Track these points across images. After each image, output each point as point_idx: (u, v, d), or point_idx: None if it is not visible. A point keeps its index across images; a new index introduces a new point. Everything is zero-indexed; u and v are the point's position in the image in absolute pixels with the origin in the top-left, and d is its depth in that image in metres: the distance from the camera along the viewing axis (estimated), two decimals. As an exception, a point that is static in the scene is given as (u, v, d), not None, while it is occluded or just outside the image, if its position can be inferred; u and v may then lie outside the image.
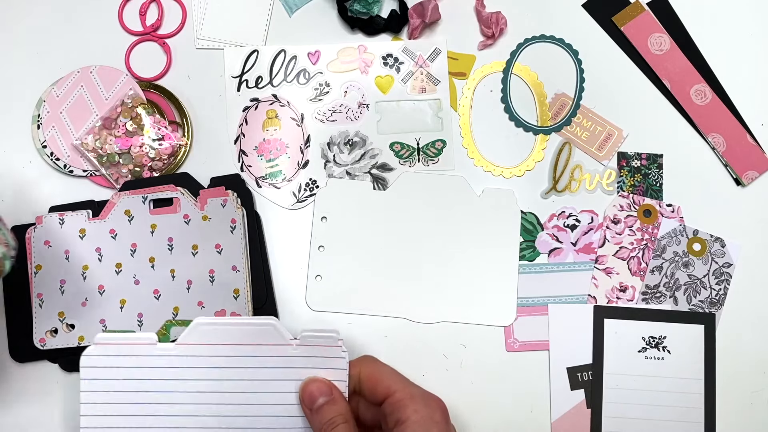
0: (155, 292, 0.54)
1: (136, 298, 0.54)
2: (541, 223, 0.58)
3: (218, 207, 0.55)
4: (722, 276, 0.57)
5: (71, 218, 0.54)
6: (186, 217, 0.55)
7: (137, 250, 0.54)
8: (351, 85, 0.60)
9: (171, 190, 0.55)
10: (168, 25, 0.61)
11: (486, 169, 0.59)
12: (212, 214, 0.55)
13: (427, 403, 0.45)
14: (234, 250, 0.54)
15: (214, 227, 0.55)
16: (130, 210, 0.55)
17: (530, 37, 0.60)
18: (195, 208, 0.55)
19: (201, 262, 0.54)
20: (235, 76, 0.60)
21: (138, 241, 0.54)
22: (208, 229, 0.55)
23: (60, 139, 0.58)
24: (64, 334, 0.54)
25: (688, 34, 0.60)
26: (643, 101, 0.60)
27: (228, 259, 0.54)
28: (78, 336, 0.54)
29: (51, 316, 0.54)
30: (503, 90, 0.60)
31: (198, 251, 0.54)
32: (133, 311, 0.54)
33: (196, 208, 0.55)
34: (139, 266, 0.54)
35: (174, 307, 0.54)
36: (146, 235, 0.54)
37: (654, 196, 0.58)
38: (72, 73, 0.59)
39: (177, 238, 0.54)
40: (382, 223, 0.57)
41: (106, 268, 0.54)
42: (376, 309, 0.56)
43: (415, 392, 0.46)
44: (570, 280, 0.57)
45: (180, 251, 0.54)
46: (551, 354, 0.56)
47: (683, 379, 0.55)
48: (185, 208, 0.55)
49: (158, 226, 0.54)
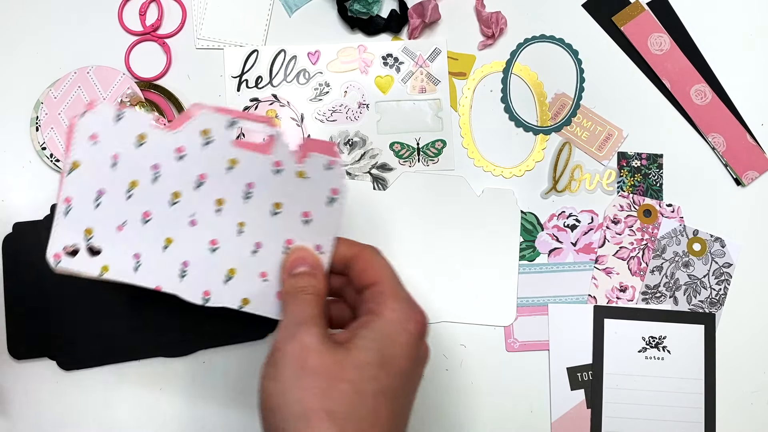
0: (212, 243, 0.43)
1: (187, 243, 0.43)
2: (541, 223, 0.58)
3: (320, 168, 0.43)
4: (722, 276, 0.57)
5: (132, 116, 0.42)
6: (278, 165, 0.43)
7: (205, 184, 0.42)
8: (351, 85, 0.60)
9: (270, 123, 0.42)
10: (168, 25, 0.61)
11: (486, 169, 0.58)
12: (312, 172, 0.43)
13: (408, 307, 0.41)
14: (324, 226, 0.44)
15: (309, 189, 0.43)
16: (210, 130, 0.42)
17: (530, 37, 0.60)
18: (292, 158, 0.43)
19: (280, 226, 0.44)
20: (235, 76, 0.60)
21: (209, 173, 0.42)
22: (302, 190, 0.43)
23: (59, 140, 0.58)
24: (86, 257, 0.42)
25: (688, 34, 0.60)
26: (643, 101, 0.60)
27: (314, 234, 0.44)
28: (102, 266, 0.42)
29: (76, 230, 0.42)
30: (503, 90, 0.60)
31: (280, 211, 0.44)
32: (178, 257, 0.43)
33: (294, 159, 0.43)
34: (201, 204, 0.43)
35: (229, 269, 0.44)
36: (220, 170, 0.42)
37: (654, 196, 0.58)
38: (69, 74, 0.59)
39: (259, 187, 0.43)
40: (382, 223, 0.57)
41: (159, 194, 0.42)
42: (376, 309, 0.56)
43: (402, 294, 0.42)
44: (570, 280, 0.57)
45: (258, 203, 0.43)
46: (551, 354, 0.56)
47: (683, 379, 0.55)
48: (279, 153, 0.43)
49: (239, 164, 0.42)
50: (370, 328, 0.40)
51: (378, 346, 0.39)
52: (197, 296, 0.43)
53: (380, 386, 0.38)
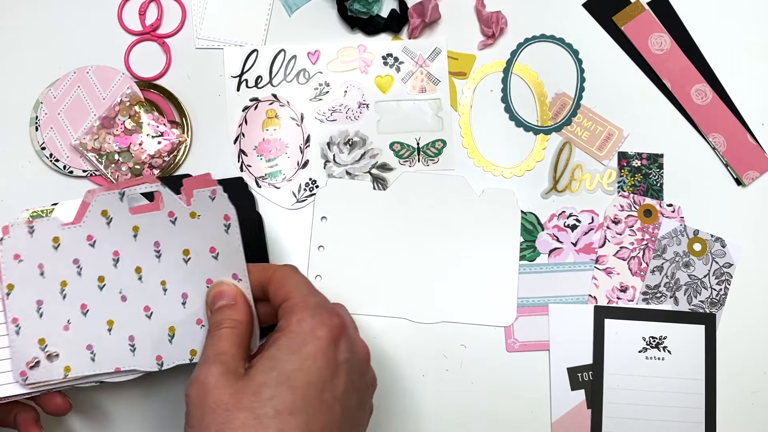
0: (146, 310, 0.46)
1: (125, 319, 0.46)
2: (541, 223, 0.58)
3: (207, 201, 0.45)
4: (723, 276, 0.57)
5: (41, 226, 0.46)
6: (171, 216, 0.45)
7: (120, 260, 0.46)
8: (351, 84, 0.60)
9: (150, 182, 0.45)
10: (168, 25, 0.61)
11: (486, 169, 0.58)
12: (201, 209, 0.45)
13: (317, 313, 0.40)
14: (232, 255, 0.46)
15: (205, 226, 0.46)
16: (108, 210, 0.45)
17: (530, 36, 0.60)
18: (180, 204, 0.45)
19: (196, 270, 0.46)
20: (235, 76, 0.59)
21: (120, 249, 0.46)
22: (199, 229, 0.46)
23: (59, 140, 0.57)
24: (48, 366, 0.46)
25: (689, 33, 0.60)
26: (643, 101, 0.60)
27: (227, 266, 0.46)
28: (64, 366, 0.46)
29: (31, 345, 0.46)
30: (503, 90, 0.60)
31: (190, 257, 0.46)
32: (123, 333, 0.46)
33: (182, 203, 0.45)
34: (124, 279, 0.46)
35: (170, 328, 0.46)
36: (129, 240, 0.46)
37: (654, 196, 0.58)
38: (68, 74, 0.59)
39: (164, 243, 0.46)
40: (382, 223, 0.57)
41: (87, 283, 0.46)
42: (376, 309, 0.56)
43: (311, 302, 0.41)
44: (570, 280, 0.57)
45: (170, 259, 0.46)
46: (551, 354, 0.56)
47: (684, 379, 0.55)
48: (169, 205, 0.45)
49: (141, 229, 0.46)
50: (274, 347, 0.39)
51: (274, 363, 0.39)
52: (152, 364, 0.46)
53: (282, 404, 0.37)
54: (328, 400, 0.39)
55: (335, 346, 0.40)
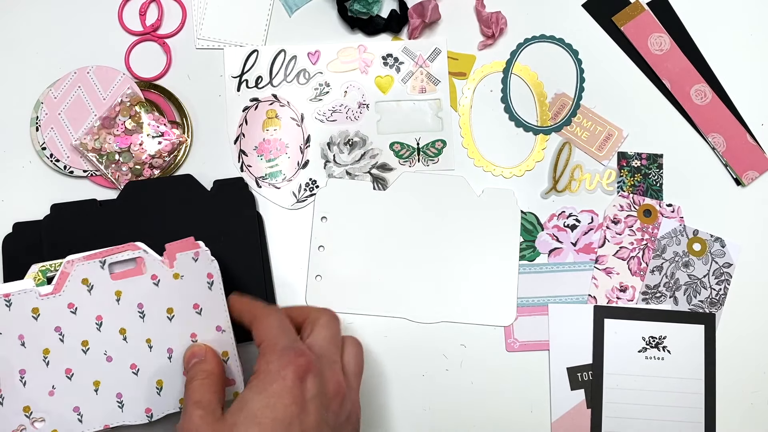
0: (132, 367, 0.48)
1: (112, 378, 0.48)
2: (541, 223, 0.58)
3: (190, 262, 0.47)
4: (722, 276, 0.57)
5: (19, 298, 0.47)
6: (154, 278, 0.47)
7: (103, 323, 0.47)
8: (351, 85, 0.60)
9: (131, 249, 0.47)
10: (168, 25, 0.61)
11: (486, 169, 0.58)
12: (184, 271, 0.47)
13: (283, 354, 0.43)
14: (215, 309, 0.48)
15: (188, 285, 0.48)
16: (88, 279, 0.47)
17: (530, 37, 0.60)
18: (163, 267, 0.47)
19: (180, 326, 0.48)
20: (235, 76, 0.60)
21: (103, 313, 0.47)
22: (183, 289, 0.48)
23: (59, 140, 0.58)
24: (34, 431, 0.48)
25: (688, 34, 0.60)
26: (643, 101, 0.60)
27: (210, 319, 0.48)
28: (51, 430, 0.48)
29: (16, 413, 0.47)
30: (503, 90, 0.60)
31: (174, 315, 0.48)
32: (111, 392, 0.48)
33: (165, 267, 0.47)
34: (108, 341, 0.48)
35: (157, 381, 0.48)
36: (112, 305, 0.47)
37: (654, 196, 0.58)
38: (69, 74, 0.59)
39: (147, 304, 0.48)
40: (382, 223, 0.57)
41: (70, 349, 0.47)
42: (376, 309, 0.56)
43: (280, 344, 0.44)
44: (570, 280, 0.57)
45: (154, 318, 0.48)
46: (551, 354, 0.56)
47: (683, 379, 0.55)
48: (152, 268, 0.47)
49: (124, 293, 0.47)
50: (246, 388, 0.43)
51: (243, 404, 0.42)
52: (142, 417, 0.49)
53: None
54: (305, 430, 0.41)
55: (301, 383, 0.42)
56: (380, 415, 0.55)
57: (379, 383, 0.56)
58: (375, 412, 0.55)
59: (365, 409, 0.55)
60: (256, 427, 0.40)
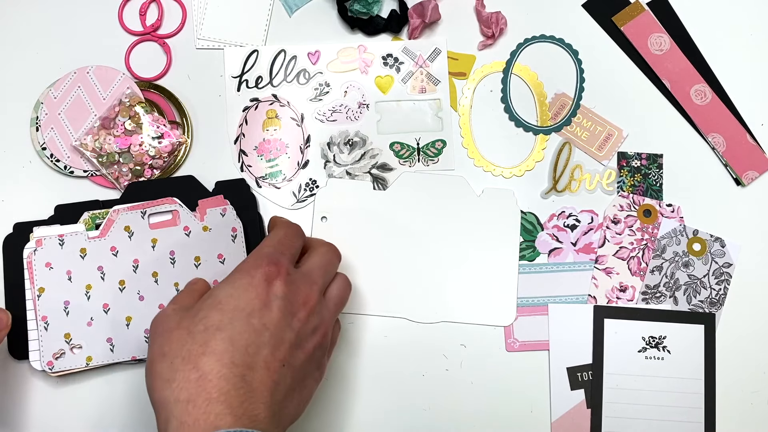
0: (160, 307, 0.53)
1: (142, 314, 0.53)
2: (541, 223, 0.58)
3: (218, 217, 0.55)
4: (722, 276, 0.57)
5: (71, 239, 0.54)
6: (186, 230, 0.54)
7: (139, 266, 0.54)
8: (351, 85, 0.60)
9: (169, 203, 0.54)
10: (168, 25, 0.61)
11: (486, 169, 0.59)
12: (212, 224, 0.54)
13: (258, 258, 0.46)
14: (237, 259, 0.54)
15: (215, 237, 0.54)
16: (130, 226, 0.54)
17: (530, 37, 0.60)
18: (195, 220, 0.54)
19: (205, 273, 0.54)
20: (235, 76, 0.60)
21: (140, 257, 0.54)
22: (210, 240, 0.54)
23: (59, 140, 0.58)
24: (72, 356, 0.53)
25: (688, 34, 0.60)
26: (643, 101, 0.60)
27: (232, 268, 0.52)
28: (86, 356, 0.53)
29: (57, 339, 0.53)
30: (503, 90, 0.60)
31: (201, 263, 0.54)
32: (140, 327, 0.54)
33: (196, 220, 0.54)
34: (142, 282, 0.54)
35: None
36: (148, 251, 0.54)
37: (654, 196, 0.58)
38: (69, 74, 0.59)
39: (179, 251, 0.54)
40: (382, 223, 0.57)
41: (109, 287, 0.54)
42: (376, 309, 0.56)
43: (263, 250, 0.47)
44: (570, 280, 0.57)
45: (183, 264, 0.54)
46: (551, 354, 0.56)
47: (683, 379, 0.55)
48: (185, 220, 0.54)
49: (159, 241, 0.54)
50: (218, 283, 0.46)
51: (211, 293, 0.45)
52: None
53: (211, 321, 0.43)
54: (255, 325, 0.43)
55: (267, 284, 0.45)
56: (380, 415, 0.55)
57: (379, 383, 0.56)
58: (375, 412, 0.55)
59: (365, 408, 0.55)
60: (217, 312, 0.43)
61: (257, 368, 0.42)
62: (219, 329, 0.42)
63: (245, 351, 0.42)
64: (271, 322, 0.44)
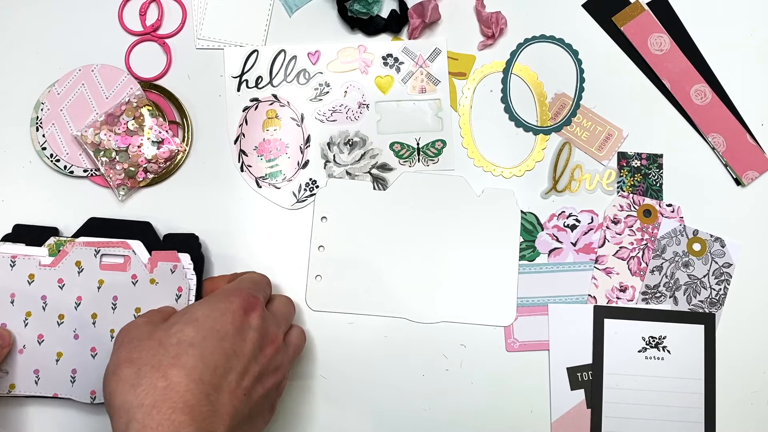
0: (92, 350, 0.53)
1: (73, 354, 0.52)
2: (541, 223, 0.58)
3: (167, 272, 0.53)
4: (722, 276, 0.57)
5: (23, 262, 0.53)
6: (134, 278, 0.53)
7: (81, 304, 0.53)
8: (351, 85, 0.60)
9: (124, 247, 0.53)
10: (168, 25, 0.61)
11: (486, 169, 0.59)
12: (160, 278, 0.53)
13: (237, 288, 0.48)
14: None
15: (160, 292, 0.53)
16: (81, 262, 0.53)
17: (530, 37, 0.60)
18: (144, 270, 0.53)
19: None
20: (235, 76, 0.60)
21: (84, 295, 0.53)
22: (155, 293, 0.53)
23: (59, 136, 0.58)
24: None
25: (688, 34, 0.60)
26: (643, 101, 0.60)
27: None
28: (9, 383, 0.52)
29: None
30: (503, 90, 0.60)
31: (140, 314, 0.53)
32: (68, 366, 0.52)
33: (146, 270, 0.53)
34: (80, 320, 0.53)
35: None
36: (93, 290, 0.53)
37: (654, 196, 0.58)
38: (73, 71, 0.59)
39: (122, 298, 0.53)
40: (382, 223, 0.57)
41: (48, 318, 0.53)
42: (376, 309, 0.56)
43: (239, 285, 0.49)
44: (570, 280, 0.57)
45: (123, 312, 0.53)
46: (551, 354, 0.56)
47: (683, 379, 0.55)
48: (135, 268, 0.53)
49: (105, 282, 0.53)
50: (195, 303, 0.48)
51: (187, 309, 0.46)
52: (86, 397, 0.52)
53: (185, 336, 0.44)
54: (227, 349, 0.44)
55: (244, 313, 0.46)
56: (380, 414, 0.55)
57: (380, 383, 0.56)
58: (375, 412, 0.55)
59: (365, 408, 0.55)
60: (193, 328, 0.44)
61: (222, 391, 0.43)
62: (192, 345, 0.43)
63: (214, 371, 0.43)
64: (242, 351, 0.45)
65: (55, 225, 0.55)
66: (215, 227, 0.57)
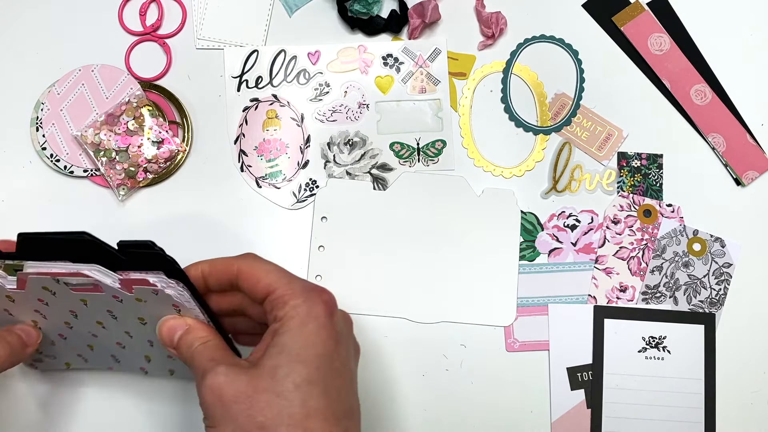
0: (118, 344, 0.49)
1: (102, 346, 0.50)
2: (541, 223, 0.58)
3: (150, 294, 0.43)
4: (722, 276, 0.57)
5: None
6: (116, 297, 0.43)
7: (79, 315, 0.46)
8: (351, 85, 0.60)
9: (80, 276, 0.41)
10: (168, 25, 0.61)
11: (486, 169, 0.59)
12: (146, 298, 0.43)
13: (308, 296, 0.42)
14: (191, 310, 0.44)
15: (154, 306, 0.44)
16: (48, 287, 0.43)
17: (530, 37, 0.60)
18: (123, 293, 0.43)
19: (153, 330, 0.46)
20: (235, 76, 0.60)
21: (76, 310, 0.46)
22: (150, 307, 0.44)
23: (59, 136, 0.58)
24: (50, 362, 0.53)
25: (688, 34, 0.60)
26: (643, 101, 0.60)
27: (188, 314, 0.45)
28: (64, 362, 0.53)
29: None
30: (503, 90, 0.60)
31: (147, 322, 0.46)
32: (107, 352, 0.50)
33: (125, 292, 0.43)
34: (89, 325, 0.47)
35: (145, 356, 0.50)
36: (81, 307, 0.45)
37: (654, 196, 0.58)
38: (73, 71, 0.59)
39: (116, 311, 0.45)
40: (382, 223, 0.57)
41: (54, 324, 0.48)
42: (376, 309, 0.56)
43: (297, 287, 0.43)
44: (570, 280, 0.57)
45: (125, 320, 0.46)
46: (551, 354, 0.56)
47: (683, 379, 0.55)
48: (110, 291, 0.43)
49: (90, 301, 0.45)
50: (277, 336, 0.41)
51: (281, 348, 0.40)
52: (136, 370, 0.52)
53: (300, 377, 0.39)
54: (338, 367, 0.41)
55: (331, 319, 0.42)
56: (380, 414, 0.55)
57: (379, 383, 0.56)
58: (375, 412, 0.55)
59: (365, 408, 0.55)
60: (302, 365, 0.40)
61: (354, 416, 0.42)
62: (311, 384, 0.39)
63: (339, 399, 0.41)
64: (344, 357, 0.42)
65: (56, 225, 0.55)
66: (215, 227, 0.57)
